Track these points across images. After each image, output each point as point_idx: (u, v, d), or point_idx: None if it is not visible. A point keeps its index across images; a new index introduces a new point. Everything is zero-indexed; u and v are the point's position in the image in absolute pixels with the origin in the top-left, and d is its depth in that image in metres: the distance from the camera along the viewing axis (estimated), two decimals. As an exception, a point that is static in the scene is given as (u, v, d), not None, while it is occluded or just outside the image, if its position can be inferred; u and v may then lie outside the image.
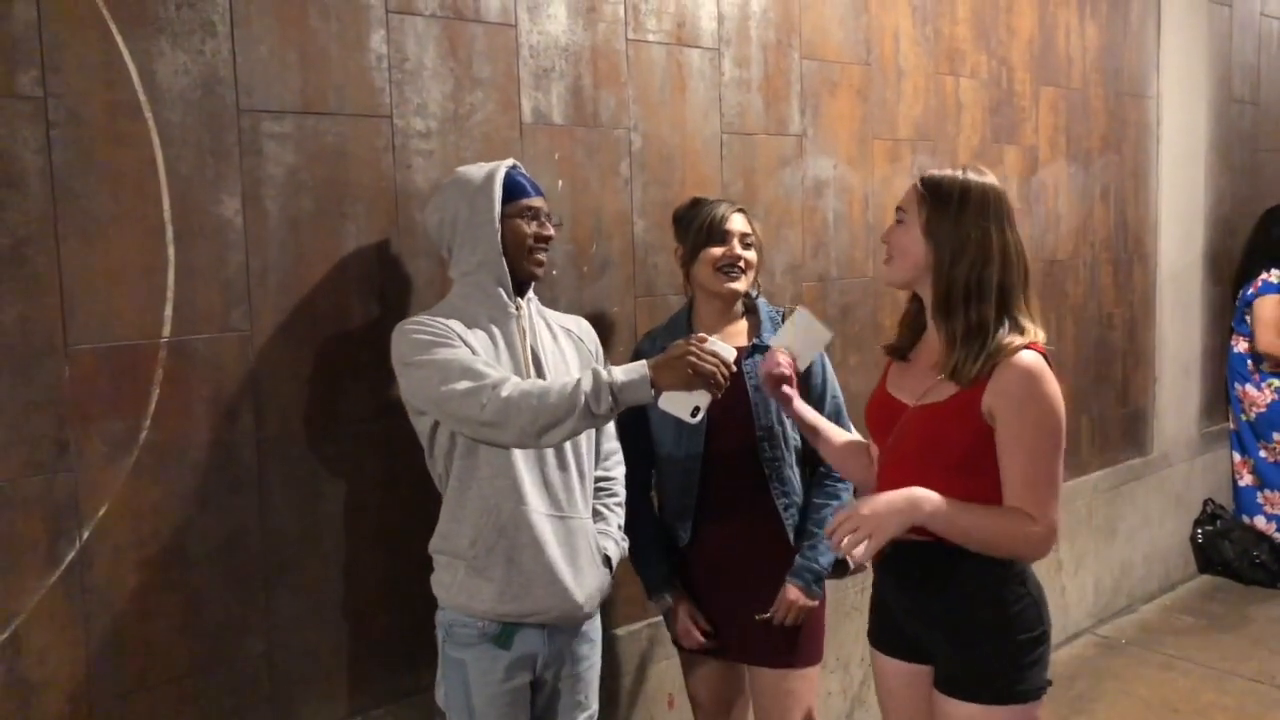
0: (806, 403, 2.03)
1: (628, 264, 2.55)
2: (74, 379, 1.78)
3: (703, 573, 2.24)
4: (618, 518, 2.10)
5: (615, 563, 2.04)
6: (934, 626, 1.78)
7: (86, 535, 1.81)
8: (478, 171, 1.93)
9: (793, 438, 2.21)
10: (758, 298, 2.28)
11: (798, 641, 2.21)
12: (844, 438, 2.02)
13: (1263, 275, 4.55)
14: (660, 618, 2.44)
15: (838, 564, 2.18)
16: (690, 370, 1.70)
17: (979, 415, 1.68)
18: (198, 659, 1.94)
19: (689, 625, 2.22)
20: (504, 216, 1.91)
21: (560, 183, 2.40)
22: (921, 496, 1.64)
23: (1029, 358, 1.66)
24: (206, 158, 1.90)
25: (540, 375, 1.92)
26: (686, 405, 1.76)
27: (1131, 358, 4.26)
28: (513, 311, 1.93)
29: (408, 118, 2.15)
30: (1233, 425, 4.73)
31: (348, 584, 2.13)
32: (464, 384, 1.75)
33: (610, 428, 2.13)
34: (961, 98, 3.41)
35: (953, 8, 3.35)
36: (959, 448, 1.70)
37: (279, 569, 2.03)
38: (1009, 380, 1.66)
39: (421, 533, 1.99)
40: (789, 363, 1.93)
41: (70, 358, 1.78)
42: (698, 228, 2.18)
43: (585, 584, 1.94)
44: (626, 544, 2.10)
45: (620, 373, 1.73)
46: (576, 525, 1.95)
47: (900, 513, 1.62)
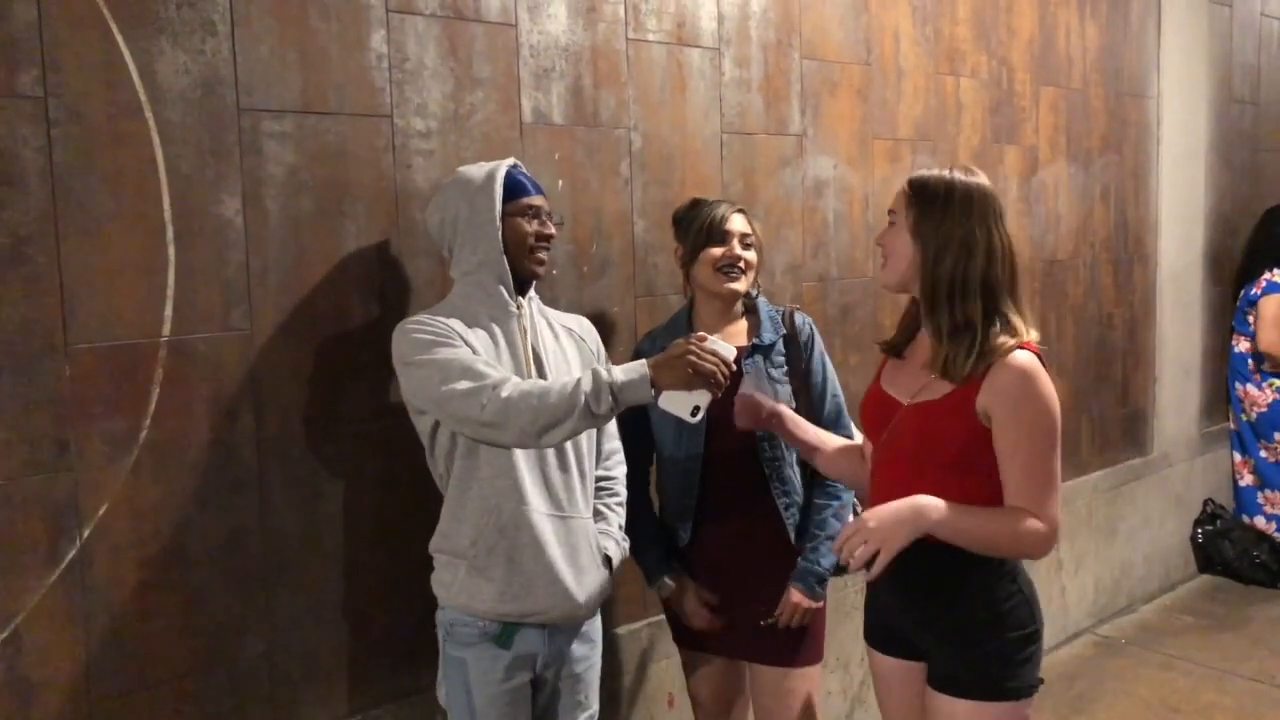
0: (807, 402, 2.02)
1: (628, 264, 2.55)
2: (74, 378, 1.78)
3: (703, 573, 2.24)
4: (619, 518, 2.09)
5: (616, 563, 2.03)
6: (926, 624, 1.79)
7: (86, 535, 1.81)
8: (478, 171, 1.93)
9: (793, 438, 2.21)
10: (758, 298, 2.28)
11: (799, 640, 2.21)
12: (835, 444, 2.02)
13: (1267, 275, 4.54)
14: (661, 617, 2.43)
15: (839, 564, 2.18)
16: (690, 370, 1.70)
17: (974, 415, 1.68)
18: (198, 659, 1.94)
19: (696, 605, 2.21)
20: (505, 215, 1.91)
21: (560, 183, 2.40)
22: (926, 505, 1.63)
23: (1023, 358, 1.67)
24: (207, 157, 1.90)
25: (541, 375, 1.92)
26: (686, 405, 1.76)
27: (1131, 358, 4.26)
28: (514, 310, 1.93)
29: (408, 117, 2.15)
30: (1233, 425, 4.72)
31: (348, 584, 2.13)
32: (464, 384, 1.75)
33: (612, 427, 2.13)
34: (962, 98, 3.41)
35: (953, 8, 3.35)
36: (953, 446, 1.70)
37: (279, 569, 2.03)
38: (1004, 381, 1.66)
39: (421, 533, 1.99)
40: (751, 394, 1.96)
41: (70, 357, 1.78)
42: (698, 228, 2.18)
43: (586, 584, 1.94)
44: (627, 544, 2.10)
45: (620, 372, 1.73)
46: (577, 525, 1.95)
47: (907, 523, 1.62)
